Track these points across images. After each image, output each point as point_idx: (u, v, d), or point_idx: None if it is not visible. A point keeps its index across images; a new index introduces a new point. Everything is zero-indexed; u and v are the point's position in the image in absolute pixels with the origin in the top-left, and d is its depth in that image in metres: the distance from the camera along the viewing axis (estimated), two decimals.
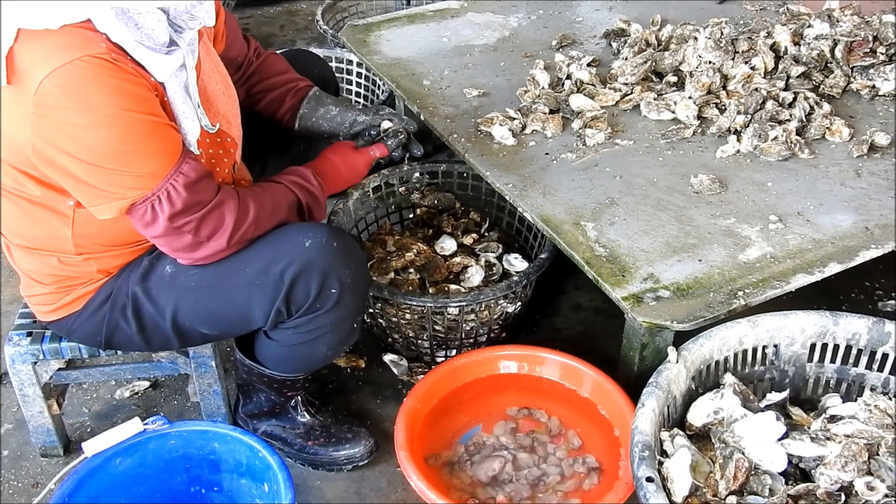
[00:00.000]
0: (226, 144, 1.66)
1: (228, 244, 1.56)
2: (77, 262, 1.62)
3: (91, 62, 1.34)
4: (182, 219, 1.50)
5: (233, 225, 1.55)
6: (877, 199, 1.95)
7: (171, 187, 1.46)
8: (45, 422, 1.93)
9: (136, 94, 1.40)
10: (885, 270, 2.46)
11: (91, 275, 1.65)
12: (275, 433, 1.93)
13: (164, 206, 1.47)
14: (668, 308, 1.66)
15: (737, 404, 1.66)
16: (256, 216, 1.59)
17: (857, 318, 1.75)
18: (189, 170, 1.48)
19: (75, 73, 1.34)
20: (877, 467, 1.54)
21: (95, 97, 1.36)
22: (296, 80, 1.99)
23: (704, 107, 2.23)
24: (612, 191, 1.98)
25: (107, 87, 1.36)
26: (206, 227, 1.53)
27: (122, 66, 1.38)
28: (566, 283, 2.45)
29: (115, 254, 1.65)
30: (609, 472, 1.80)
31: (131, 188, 1.45)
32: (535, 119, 2.19)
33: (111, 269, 1.66)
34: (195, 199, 1.49)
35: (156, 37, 1.44)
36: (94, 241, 1.60)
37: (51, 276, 1.65)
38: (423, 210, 2.42)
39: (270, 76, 1.98)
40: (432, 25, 2.76)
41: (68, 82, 1.33)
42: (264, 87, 1.98)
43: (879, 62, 2.37)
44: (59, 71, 1.33)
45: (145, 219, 1.49)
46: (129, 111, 1.39)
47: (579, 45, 2.62)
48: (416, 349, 2.16)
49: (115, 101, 1.37)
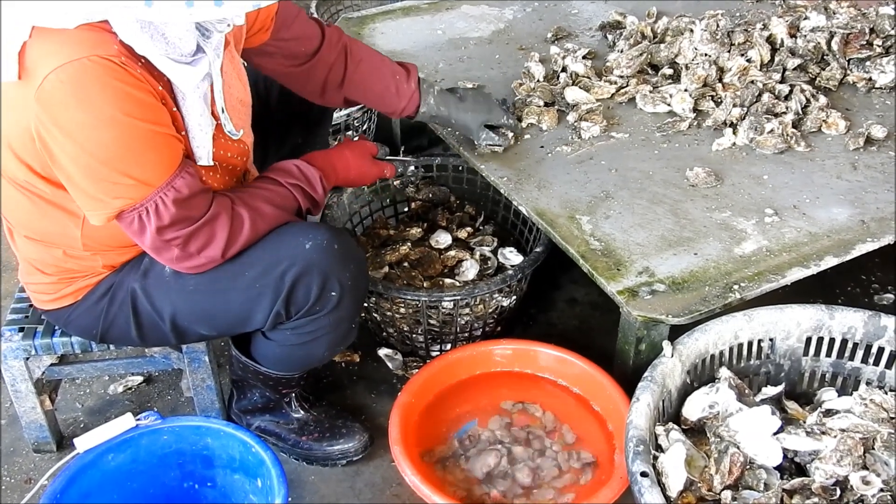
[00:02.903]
0: (241, 151, 1.64)
1: (223, 256, 1.54)
2: (84, 256, 1.60)
3: (98, 62, 1.32)
4: (170, 233, 1.47)
5: (225, 240, 1.53)
6: (873, 193, 1.94)
7: (161, 201, 1.44)
8: (38, 417, 1.92)
9: (139, 100, 1.37)
10: (882, 264, 2.46)
11: (95, 269, 1.64)
12: (269, 428, 1.92)
13: (152, 218, 1.45)
14: (663, 302, 1.65)
15: (732, 398, 1.65)
16: (252, 226, 1.56)
17: (853, 312, 1.74)
18: (182, 185, 1.45)
19: (81, 71, 1.31)
20: (872, 461, 1.53)
21: (97, 98, 1.33)
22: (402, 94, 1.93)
23: (700, 99, 2.22)
24: (608, 184, 1.97)
25: (110, 89, 1.34)
26: (196, 242, 1.51)
27: (130, 70, 1.35)
28: (562, 278, 2.45)
29: (122, 251, 1.63)
30: (604, 466, 1.80)
31: (119, 197, 1.42)
32: (530, 112, 2.18)
33: (116, 264, 1.65)
34: (184, 215, 1.47)
35: (182, 46, 1.39)
36: (102, 241, 1.58)
37: (54, 267, 1.63)
38: (418, 204, 2.41)
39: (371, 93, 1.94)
40: (427, 18, 2.74)
41: (72, 79, 1.31)
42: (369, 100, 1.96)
43: (876, 54, 2.36)
44: (65, 67, 1.31)
45: (133, 228, 1.47)
46: (129, 116, 1.36)
47: (575, 38, 2.61)
48: (410, 343, 2.16)
49: (117, 105, 1.35)
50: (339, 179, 1.84)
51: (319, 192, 1.71)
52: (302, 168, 1.70)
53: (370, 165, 1.91)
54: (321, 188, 1.71)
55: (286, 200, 1.65)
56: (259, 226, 1.58)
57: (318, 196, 1.71)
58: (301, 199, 1.68)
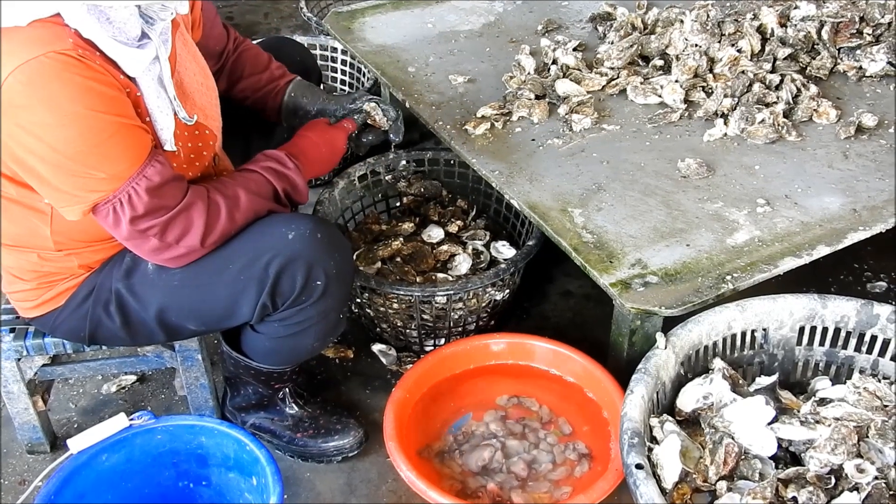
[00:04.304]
0: (205, 137, 1.63)
1: (202, 245, 1.54)
2: (57, 257, 1.60)
3: (56, 58, 1.32)
4: (145, 222, 1.47)
5: (203, 227, 1.52)
6: (864, 181, 1.94)
7: (133, 191, 1.44)
8: (31, 418, 1.91)
9: (102, 93, 1.37)
10: (874, 252, 2.46)
11: (72, 270, 1.63)
12: (263, 426, 1.92)
13: (126, 209, 1.45)
14: (656, 294, 1.65)
15: (726, 389, 1.65)
16: (229, 214, 1.56)
17: (846, 301, 1.75)
18: (153, 173, 1.45)
19: (40, 70, 1.31)
20: (866, 449, 1.54)
21: (60, 95, 1.33)
22: (276, 79, 1.96)
23: (691, 90, 2.22)
24: (600, 176, 1.97)
25: (72, 85, 1.34)
26: (173, 231, 1.50)
27: (89, 63, 1.35)
28: (555, 270, 2.44)
29: (96, 249, 1.63)
30: (599, 458, 1.80)
31: (93, 190, 1.42)
32: (521, 105, 2.17)
33: (92, 263, 1.64)
34: (158, 204, 1.47)
35: (128, 31, 1.42)
36: (73, 237, 1.58)
37: (31, 273, 1.63)
38: (410, 198, 2.40)
39: (251, 74, 1.95)
40: (417, 11, 2.73)
41: (33, 79, 1.31)
42: (246, 87, 1.95)
43: (866, 43, 2.36)
44: (22, 67, 1.31)
45: (108, 221, 1.47)
46: (93, 111, 1.36)
47: (565, 30, 2.60)
48: (404, 339, 2.15)
49: (80, 100, 1.35)
50: (313, 159, 1.81)
51: (290, 165, 1.69)
52: (267, 153, 1.71)
53: (333, 131, 1.88)
54: (291, 163, 1.69)
55: (260, 185, 1.64)
56: (236, 213, 1.57)
57: (291, 171, 1.69)
58: (275, 181, 1.66)
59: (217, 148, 1.72)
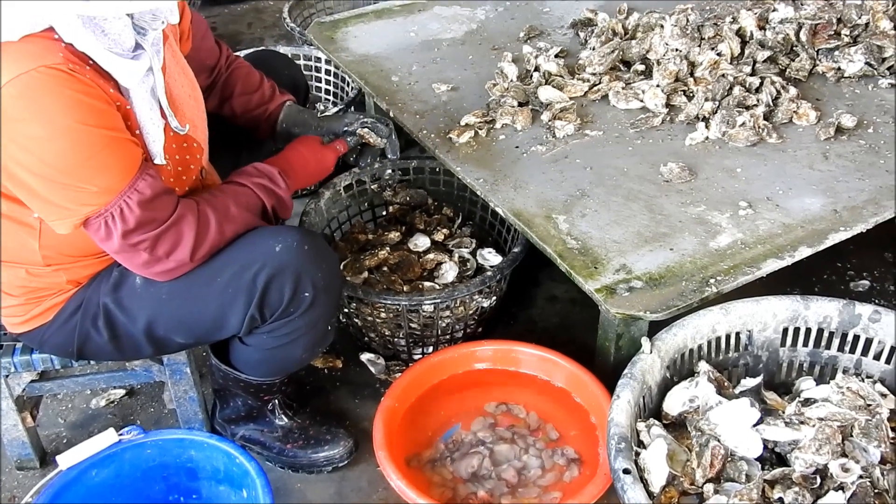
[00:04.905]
0: (192, 149, 1.64)
1: (192, 259, 1.54)
2: (46, 273, 1.60)
3: (47, 73, 1.32)
4: (136, 236, 1.48)
5: (193, 241, 1.53)
6: (844, 182, 1.96)
7: (125, 204, 1.45)
8: (20, 435, 1.91)
9: (92, 106, 1.38)
10: (857, 250, 2.49)
11: (60, 285, 1.63)
12: (253, 437, 1.92)
13: (118, 223, 1.45)
14: (641, 298, 1.67)
15: (711, 392, 1.67)
16: (219, 228, 1.57)
17: (828, 302, 1.76)
18: (144, 187, 1.46)
19: (31, 84, 1.32)
20: (851, 449, 1.55)
21: (51, 109, 1.34)
22: (267, 101, 1.96)
23: (672, 94, 2.24)
24: (583, 182, 1.98)
25: (63, 99, 1.34)
26: (163, 245, 1.51)
27: (79, 77, 1.36)
28: (541, 275, 2.46)
29: (84, 264, 1.63)
30: (588, 463, 1.81)
31: (84, 204, 1.43)
32: (504, 113, 2.19)
33: (80, 279, 1.64)
34: (149, 217, 1.47)
35: (123, 42, 1.43)
36: (61, 251, 1.58)
37: (20, 288, 1.63)
38: (396, 207, 2.41)
39: (242, 93, 1.95)
40: (399, 20, 2.74)
41: (23, 93, 1.32)
42: (237, 106, 1.96)
43: (844, 44, 2.38)
44: (13, 82, 1.31)
45: (100, 235, 1.48)
46: (84, 124, 1.37)
47: (547, 36, 2.62)
48: (392, 347, 2.16)
49: (71, 114, 1.35)
50: (300, 175, 1.82)
51: (281, 185, 1.71)
52: (258, 167, 1.72)
53: (324, 150, 1.90)
54: (282, 182, 1.71)
55: (250, 199, 1.65)
56: (226, 226, 1.58)
57: (281, 190, 1.70)
58: (265, 197, 1.67)
59: (204, 161, 1.72)
